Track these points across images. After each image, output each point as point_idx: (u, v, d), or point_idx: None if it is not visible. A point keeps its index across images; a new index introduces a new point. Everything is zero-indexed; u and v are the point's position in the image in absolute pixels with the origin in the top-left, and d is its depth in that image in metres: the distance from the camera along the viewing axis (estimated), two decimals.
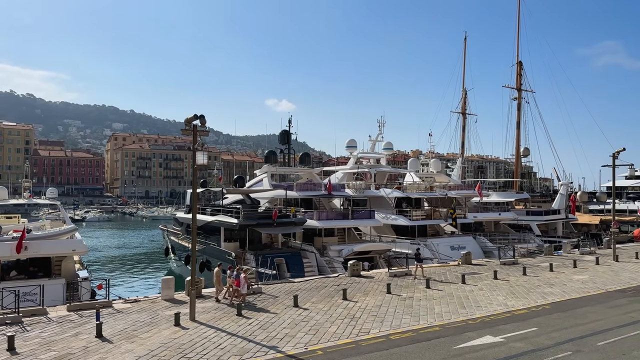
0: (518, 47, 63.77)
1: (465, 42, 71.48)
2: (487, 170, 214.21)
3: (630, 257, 34.59)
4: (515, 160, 64.94)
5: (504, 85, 63.59)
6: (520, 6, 65.59)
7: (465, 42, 71.50)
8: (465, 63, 70.78)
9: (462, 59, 71.26)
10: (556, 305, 20.35)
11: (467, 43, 71.45)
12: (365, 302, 21.19)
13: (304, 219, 35.01)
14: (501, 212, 49.88)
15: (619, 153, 33.87)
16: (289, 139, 45.43)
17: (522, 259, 34.67)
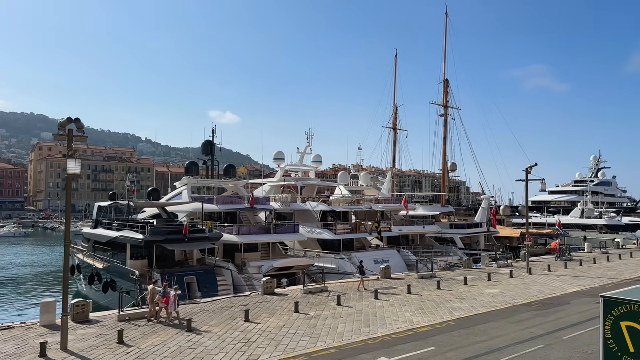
0: (445, 66, 65.81)
1: (396, 60, 72.97)
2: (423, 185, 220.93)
3: (543, 270, 35.58)
4: (442, 174, 66.47)
5: (431, 102, 65.27)
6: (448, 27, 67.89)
7: (396, 59, 72.99)
8: (396, 80, 72.13)
9: (394, 76, 72.57)
10: (461, 322, 19.99)
11: (398, 60, 72.93)
12: (268, 323, 19.87)
13: (219, 234, 33.27)
14: (426, 225, 50.42)
15: (532, 168, 35.00)
16: (213, 149, 43.53)
17: (441, 273, 34.79)
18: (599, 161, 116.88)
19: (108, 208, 41.05)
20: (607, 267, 37.21)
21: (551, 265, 37.16)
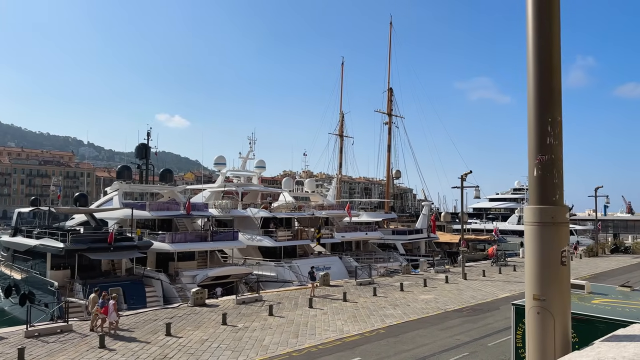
0: (389, 75, 66.86)
1: (342, 67, 73.46)
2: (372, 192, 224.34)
3: (478, 275, 36.33)
4: (386, 181, 67.26)
5: (376, 110, 66.01)
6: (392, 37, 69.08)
7: (342, 67, 73.48)
8: (342, 87, 72.57)
9: (340, 83, 72.94)
10: (391, 329, 19.72)
11: (344, 68, 73.43)
12: (191, 337, 18.75)
13: (149, 242, 31.61)
14: (369, 231, 50.60)
15: (467, 175, 35.75)
16: (148, 153, 41.62)
17: (380, 279, 34.77)
18: None
19: (29, 214, 38.22)
20: None
21: (486, 270, 38.05)
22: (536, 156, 3.02)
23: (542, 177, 3.00)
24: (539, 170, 3.01)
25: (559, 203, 3.00)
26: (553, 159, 2.97)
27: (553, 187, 2.99)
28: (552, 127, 2.97)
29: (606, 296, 10.57)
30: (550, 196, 2.98)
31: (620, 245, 55.22)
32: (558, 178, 2.97)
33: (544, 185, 3.01)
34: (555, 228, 2.93)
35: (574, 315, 9.09)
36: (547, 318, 2.90)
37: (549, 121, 2.98)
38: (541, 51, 2.98)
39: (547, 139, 2.96)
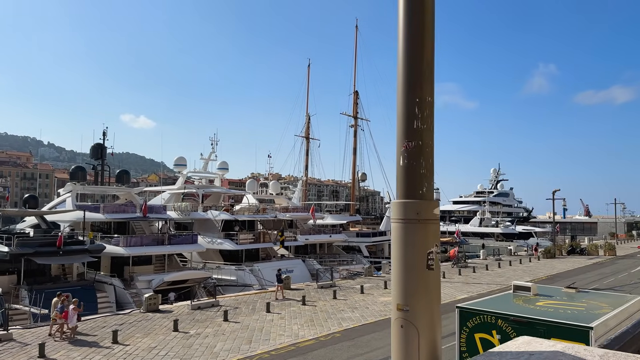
0: (355, 78, 67.00)
1: (309, 69, 73.24)
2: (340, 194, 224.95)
3: None
4: (351, 184, 67.36)
5: (342, 113, 66.01)
6: (358, 40, 69.34)
7: (309, 69, 73.25)
8: (309, 89, 72.30)
9: (306, 85, 72.66)
10: (347, 333, 19.44)
11: (310, 70, 73.20)
12: (139, 344, 17.93)
13: (101, 245, 30.37)
14: (333, 234, 50.41)
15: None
16: (103, 153, 40.16)
17: (341, 282, 34.55)
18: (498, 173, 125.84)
19: None
20: (497, 274, 39.18)
21: (446, 272, 38.39)
22: (402, 142, 2.62)
23: (408, 166, 2.60)
24: (405, 159, 2.61)
25: (426, 197, 2.60)
26: (421, 146, 2.58)
27: (420, 178, 2.60)
28: (420, 108, 2.57)
29: (551, 298, 10.55)
30: (416, 189, 2.59)
31: (577, 247, 56.93)
32: (426, 168, 2.61)
33: (409, 176, 2.61)
34: (422, 226, 2.52)
35: (515, 318, 8.99)
36: (411, 332, 2.49)
37: (417, 102, 2.58)
38: (411, 19, 2.58)
39: (414, 122, 2.56)
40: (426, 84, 2.60)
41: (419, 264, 2.47)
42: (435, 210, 2.59)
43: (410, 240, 2.53)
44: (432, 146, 2.64)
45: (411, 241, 2.52)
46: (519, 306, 9.54)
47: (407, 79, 2.60)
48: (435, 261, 2.52)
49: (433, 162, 2.65)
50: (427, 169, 2.61)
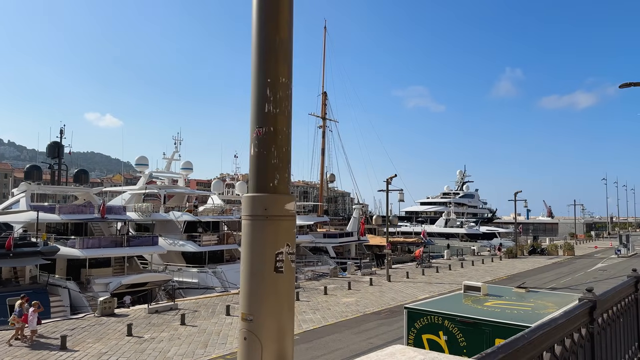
0: (323, 79, 66.97)
1: None
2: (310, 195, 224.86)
3: (402, 277, 36.83)
4: (320, 184, 67.26)
5: (310, 113, 65.86)
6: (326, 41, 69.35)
7: None
8: None
9: None
10: (307, 335, 19.22)
11: None
12: (88, 350, 17.21)
13: (55, 247, 29.18)
14: (300, 235, 50.10)
15: (392, 179, 36.25)
16: (61, 152, 38.69)
17: (306, 283, 34.34)
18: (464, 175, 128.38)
19: None
20: (460, 273, 39.74)
21: (410, 272, 38.73)
22: (253, 129, 2.35)
23: (258, 155, 2.33)
24: (256, 147, 2.33)
25: (279, 190, 2.30)
26: (273, 132, 2.31)
27: (271, 169, 2.31)
28: (273, 90, 2.30)
29: (501, 298, 10.60)
30: (266, 181, 2.30)
31: (537, 247, 58.49)
32: (279, 157, 2.31)
33: (260, 167, 2.33)
34: (270, 223, 2.25)
35: (461, 319, 8.98)
36: (254, 345, 2.13)
37: (268, 82, 2.31)
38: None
39: (266, 105, 2.30)
40: (281, 64, 2.35)
41: (266, 267, 2.19)
42: (288, 205, 2.29)
43: (257, 239, 2.26)
44: (288, 133, 2.38)
45: (258, 240, 2.25)
46: (467, 306, 9.53)
47: (258, 57, 2.34)
48: (285, 263, 2.22)
49: (289, 152, 2.38)
50: (280, 158, 2.33)
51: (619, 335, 4.86)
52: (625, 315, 5.08)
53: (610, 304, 4.48)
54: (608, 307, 4.36)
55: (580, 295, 3.76)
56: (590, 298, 3.69)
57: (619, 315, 4.73)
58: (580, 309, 3.48)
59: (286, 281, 2.18)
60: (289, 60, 2.37)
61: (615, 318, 4.55)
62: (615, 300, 4.70)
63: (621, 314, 4.84)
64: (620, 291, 4.92)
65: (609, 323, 4.28)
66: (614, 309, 4.55)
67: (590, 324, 3.60)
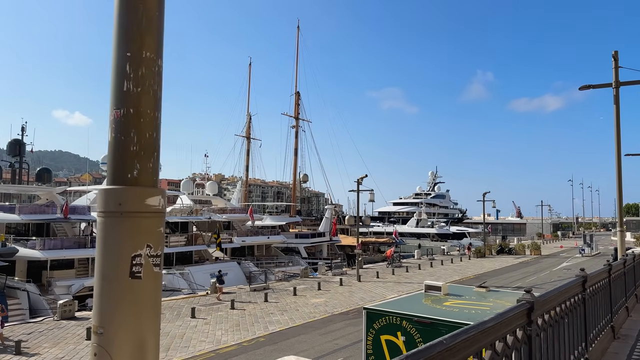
0: (297, 78, 66.81)
1: (250, 68, 72.15)
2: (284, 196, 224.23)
3: (372, 277, 36.94)
4: (292, 184, 67.02)
5: (283, 113, 65.57)
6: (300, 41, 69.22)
7: (250, 67, 72.17)
8: (250, 88, 71.20)
9: (247, 84, 71.53)
10: (273, 337, 18.98)
11: (252, 69, 72.18)
12: (45, 355, 16.58)
13: (13, 249, 28.11)
14: (271, 235, 49.77)
15: (362, 179, 36.32)
16: (22, 150, 37.32)
17: (276, 284, 34.09)
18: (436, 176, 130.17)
19: None
20: (429, 273, 40.15)
21: (381, 272, 38.89)
22: (112, 111, 2.06)
23: (115, 141, 2.04)
24: (113, 132, 2.05)
25: (141, 182, 2.04)
26: (133, 115, 2.02)
27: (130, 157, 2.04)
28: (133, 65, 2.02)
29: (461, 297, 10.62)
30: (124, 171, 2.04)
31: (505, 247, 59.67)
32: (141, 144, 2.04)
33: (116, 155, 2.05)
34: (125, 220, 1.97)
35: (419, 319, 8.94)
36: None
37: (128, 56, 2.03)
38: None
39: (125, 83, 2.01)
40: (146, 35, 2.07)
41: (120, 271, 1.89)
42: (150, 200, 2.02)
43: (110, 239, 1.96)
44: (154, 117, 2.09)
45: (110, 240, 1.95)
46: (427, 306, 9.50)
47: (119, 27, 2.05)
48: (145, 267, 1.94)
49: (156, 139, 2.11)
50: (142, 145, 2.05)
51: (563, 336, 4.80)
52: (570, 315, 5.07)
53: (553, 304, 4.43)
54: (550, 308, 4.31)
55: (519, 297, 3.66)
56: (528, 299, 3.59)
57: (562, 316, 4.69)
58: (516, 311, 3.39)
59: (147, 288, 1.90)
60: (156, 32, 2.12)
61: (558, 319, 4.51)
62: (558, 300, 4.67)
63: (566, 315, 4.82)
64: (565, 291, 4.90)
65: (550, 324, 4.21)
66: (557, 309, 4.52)
67: (528, 325, 3.51)
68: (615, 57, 13.47)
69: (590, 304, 6.11)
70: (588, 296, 5.95)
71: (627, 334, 8.60)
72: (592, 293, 6.29)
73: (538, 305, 3.70)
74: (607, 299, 7.52)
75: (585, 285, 5.84)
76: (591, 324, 6.27)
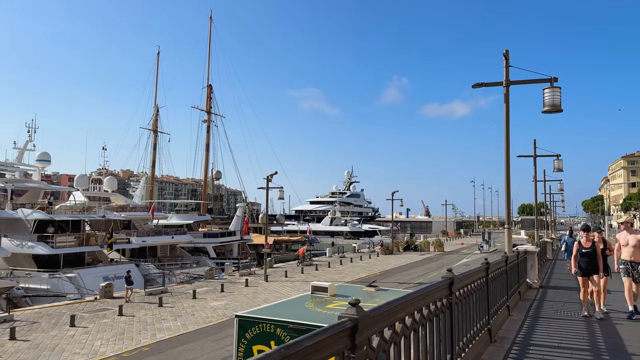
0: (209, 71, 64.18)
1: (158, 57, 68.12)
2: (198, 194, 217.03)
3: (281, 276, 36.10)
4: (203, 182, 64.36)
5: (193, 106, 62.63)
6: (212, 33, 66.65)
7: (158, 57, 68.15)
8: (157, 78, 67.14)
9: (155, 74, 67.45)
10: (159, 345, 17.33)
11: (160, 58, 68.17)
12: None
13: None
14: (176, 235, 47.13)
15: (272, 176, 35.34)
16: None
17: (177, 286, 32.07)
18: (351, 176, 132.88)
19: None
20: (337, 270, 40.16)
21: (290, 271, 38.19)
22: None
23: None
24: None
25: None
26: None
27: None
28: None
29: (347, 298, 9.93)
30: None
31: (411, 244, 61.84)
32: None
33: None
34: None
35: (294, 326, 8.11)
36: None
37: None
38: None
39: None
40: None
41: None
42: None
43: None
44: None
45: None
46: (307, 310, 8.68)
47: None
48: None
49: None
50: None
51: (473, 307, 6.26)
52: (478, 292, 6.53)
53: (466, 282, 5.76)
54: (464, 285, 5.61)
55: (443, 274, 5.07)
56: (450, 276, 5.00)
57: (472, 292, 6.06)
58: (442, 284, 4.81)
59: None
60: None
61: (469, 293, 5.90)
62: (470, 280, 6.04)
63: (474, 291, 6.22)
64: (474, 273, 6.44)
65: (464, 297, 5.59)
66: (468, 287, 5.86)
67: (450, 296, 4.85)
68: (506, 56, 13.65)
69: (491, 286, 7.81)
70: (490, 279, 7.61)
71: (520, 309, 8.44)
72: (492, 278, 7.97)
73: (457, 280, 5.09)
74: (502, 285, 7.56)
75: (488, 271, 7.42)
76: (492, 301, 7.95)
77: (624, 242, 10.12)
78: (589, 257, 10.23)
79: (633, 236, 10.03)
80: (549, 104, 12.83)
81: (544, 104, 12.98)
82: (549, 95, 12.79)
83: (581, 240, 10.54)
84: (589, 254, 10.23)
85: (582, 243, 10.47)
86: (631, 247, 9.95)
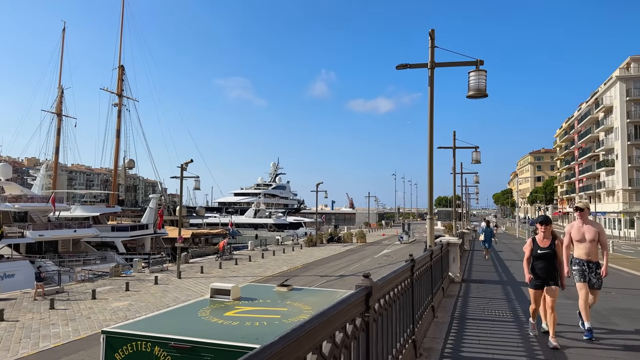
0: (120, 51, 59.33)
1: (63, 34, 61.76)
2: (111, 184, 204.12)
3: (196, 272, 33.86)
4: (113, 170, 59.57)
5: (102, 88, 57.55)
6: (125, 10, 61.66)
7: (63, 33, 61.77)
8: (62, 57, 60.88)
9: (60, 52, 61.11)
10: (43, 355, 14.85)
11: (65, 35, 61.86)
12: None
13: None
14: (80, 228, 42.85)
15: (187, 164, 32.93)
16: None
17: (77, 285, 28.82)
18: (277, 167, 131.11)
19: None
20: (258, 264, 38.52)
21: (207, 266, 36.03)
22: None
23: None
24: None
25: None
26: None
27: None
28: None
29: (253, 302, 8.50)
30: None
31: (335, 236, 61.66)
32: None
33: None
34: None
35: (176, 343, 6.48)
36: None
37: None
38: None
39: None
40: None
41: None
42: None
43: None
44: None
45: None
46: (199, 320, 7.12)
47: None
48: None
49: None
50: None
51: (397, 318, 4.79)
52: (402, 297, 5.15)
53: (388, 288, 4.32)
54: (385, 292, 4.20)
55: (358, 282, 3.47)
56: (367, 285, 3.42)
57: (395, 299, 4.62)
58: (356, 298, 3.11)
59: None
60: None
61: (392, 301, 4.47)
62: (393, 284, 4.62)
63: (398, 298, 4.82)
64: (398, 275, 4.97)
65: (385, 308, 4.14)
66: (391, 293, 4.44)
67: (367, 312, 3.32)
68: (432, 35, 12.78)
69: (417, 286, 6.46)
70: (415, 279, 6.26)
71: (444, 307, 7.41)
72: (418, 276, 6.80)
73: (376, 290, 3.57)
74: None
75: (413, 270, 6.07)
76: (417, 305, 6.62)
77: (577, 237, 7.70)
78: (546, 260, 7.44)
79: (589, 227, 7.65)
80: (474, 88, 12.15)
81: (468, 88, 12.28)
82: (474, 79, 12.12)
83: (536, 237, 7.74)
84: (546, 256, 7.45)
85: (537, 241, 7.64)
86: (588, 242, 7.60)
